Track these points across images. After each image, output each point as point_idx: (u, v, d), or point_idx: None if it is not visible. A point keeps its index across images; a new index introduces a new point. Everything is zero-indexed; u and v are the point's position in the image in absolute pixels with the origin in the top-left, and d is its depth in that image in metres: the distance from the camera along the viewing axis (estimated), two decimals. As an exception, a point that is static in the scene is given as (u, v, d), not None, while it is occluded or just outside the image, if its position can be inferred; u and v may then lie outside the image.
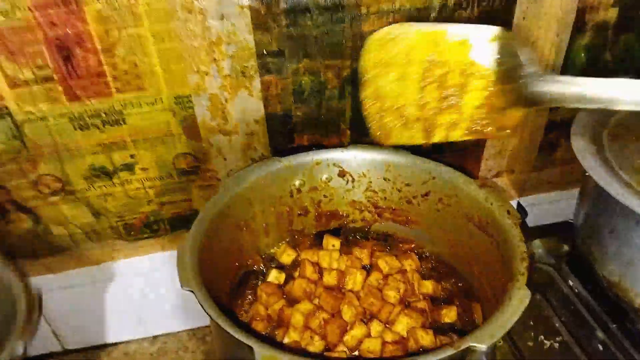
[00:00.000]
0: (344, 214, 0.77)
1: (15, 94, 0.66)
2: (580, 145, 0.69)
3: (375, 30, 0.67)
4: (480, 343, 0.45)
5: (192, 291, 0.50)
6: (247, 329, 0.51)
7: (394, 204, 0.74)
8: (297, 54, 0.70)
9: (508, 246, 0.57)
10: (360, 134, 0.80)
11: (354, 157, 0.71)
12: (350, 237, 0.77)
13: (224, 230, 0.64)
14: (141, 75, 0.68)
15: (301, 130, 0.79)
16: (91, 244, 0.84)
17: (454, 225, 0.69)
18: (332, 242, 0.73)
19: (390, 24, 0.68)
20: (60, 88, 0.66)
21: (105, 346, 0.97)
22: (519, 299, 0.49)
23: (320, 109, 0.77)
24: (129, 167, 0.76)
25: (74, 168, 0.74)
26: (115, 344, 0.98)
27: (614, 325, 0.74)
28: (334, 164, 0.71)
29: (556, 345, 0.74)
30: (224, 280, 0.66)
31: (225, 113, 0.74)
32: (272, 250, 0.75)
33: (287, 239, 0.75)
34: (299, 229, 0.77)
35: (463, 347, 0.45)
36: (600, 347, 0.72)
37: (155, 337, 0.99)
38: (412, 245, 0.75)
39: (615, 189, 0.61)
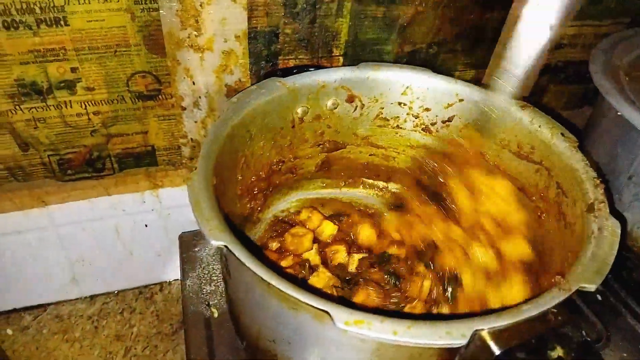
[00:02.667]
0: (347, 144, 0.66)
1: None
2: (604, 84, 0.62)
3: None
4: (590, 283, 0.38)
5: (225, 246, 0.38)
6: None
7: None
8: (294, -48, 0.57)
9: (567, 172, 0.50)
10: (354, 62, 0.69)
11: (366, 78, 0.59)
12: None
13: (228, 168, 0.51)
14: (92, -42, 0.51)
15: (288, 52, 0.66)
16: (16, 184, 0.67)
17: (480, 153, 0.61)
18: None
19: None
20: (-24, -35, 0.49)
21: (30, 309, 0.81)
22: (612, 231, 0.42)
23: (313, 28, 0.64)
24: (69, 85, 0.60)
25: (-7, 82, 0.57)
26: (44, 305, 0.82)
27: (609, 275, 0.71)
28: (342, 87, 0.59)
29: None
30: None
31: (200, 22, 0.59)
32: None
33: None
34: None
35: (573, 289, 0.37)
36: (599, 297, 0.69)
37: (93, 297, 0.84)
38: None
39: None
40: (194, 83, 0.64)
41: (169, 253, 0.82)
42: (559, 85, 0.87)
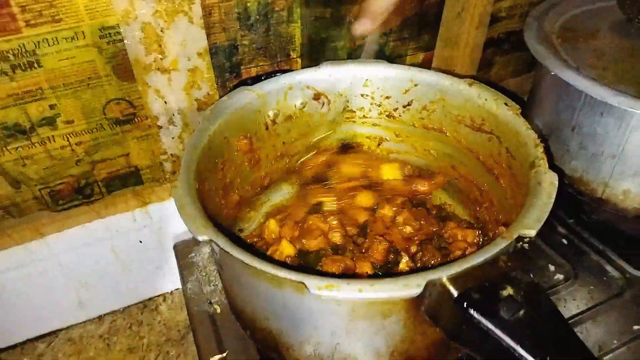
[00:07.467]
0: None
1: None
2: (539, 50, 0.69)
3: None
4: (530, 229, 0.43)
5: (211, 240, 0.43)
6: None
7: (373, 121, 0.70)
8: (240, -31, 0.62)
9: (513, 136, 0.56)
10: (311, 62, 0.75)
11: (328, 76, 0.65)
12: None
13: (210, 173, 0.56)
14: (56, 2, 0.55)
15: (249, 62, 0.71)
16: (13, 221, 0.71)
17: (440, 131, 0.67)
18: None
19: None
20: (-52, 24, 0.53)
21: (43, 337, 0.85)
22: (550, 182, 0.48)
23: (268, 36, 0.69)
24: (50, 121, 0.64)
25: (-22, 129, 0.61)
26: (55, 332, 0.86)
27: (572, 220, 0.78)
28: (308, 87, 0.65)
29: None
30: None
31: (162, 46, 0.64)
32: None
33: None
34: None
35: (514, 236, 0.43)
36: (565, 241, 0.76)
37: (101, 317, 0.88)
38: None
39: (581, 83, 0.62)
40: (165, 102, 0.69)
41: (167, 264, 0.87)
42: (504, 56, 0.94)
